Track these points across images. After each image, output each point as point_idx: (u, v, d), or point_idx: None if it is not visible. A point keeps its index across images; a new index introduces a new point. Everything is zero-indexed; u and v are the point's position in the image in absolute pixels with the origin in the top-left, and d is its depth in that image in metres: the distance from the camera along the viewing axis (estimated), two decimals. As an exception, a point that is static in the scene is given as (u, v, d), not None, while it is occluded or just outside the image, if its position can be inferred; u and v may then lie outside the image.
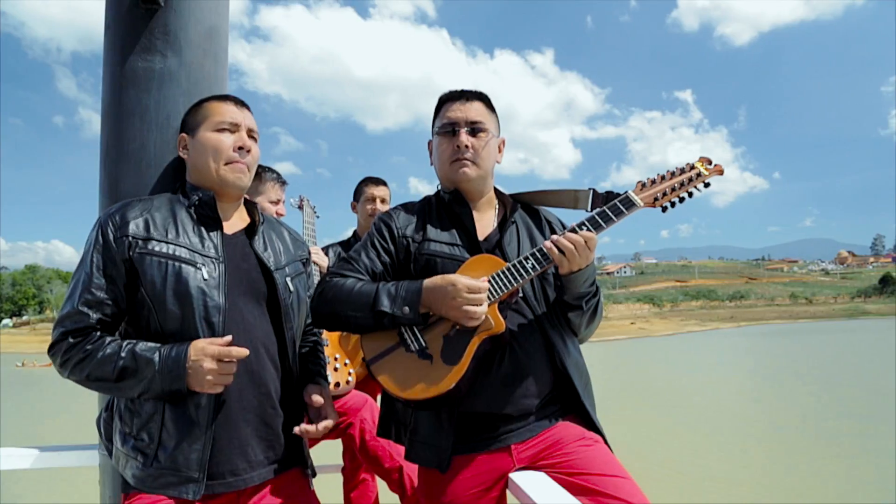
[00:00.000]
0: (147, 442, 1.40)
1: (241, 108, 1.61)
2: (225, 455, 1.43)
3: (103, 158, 2.07)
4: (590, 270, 1.61)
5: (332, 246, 3.12)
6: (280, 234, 1.71)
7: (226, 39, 2.29)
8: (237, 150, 1.55)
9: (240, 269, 1.53)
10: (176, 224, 1.49)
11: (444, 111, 1.75)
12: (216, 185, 1.55)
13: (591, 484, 1.51)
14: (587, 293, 1.65)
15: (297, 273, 1.66)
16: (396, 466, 2.36)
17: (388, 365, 1.57)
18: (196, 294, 1.42)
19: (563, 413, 1.68)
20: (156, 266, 1.42)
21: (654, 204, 1.62)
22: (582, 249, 1.53)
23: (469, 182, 1.73)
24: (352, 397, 2.47)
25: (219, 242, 1.52)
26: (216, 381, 1.36)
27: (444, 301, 1.51)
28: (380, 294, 1.56)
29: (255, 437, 1.48)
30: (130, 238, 1.44)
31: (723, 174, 1.66)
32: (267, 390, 1.51)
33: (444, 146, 1.73)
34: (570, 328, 1.74)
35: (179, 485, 1.37)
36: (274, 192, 2.52)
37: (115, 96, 2.06)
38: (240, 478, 1.44)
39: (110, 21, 2.11)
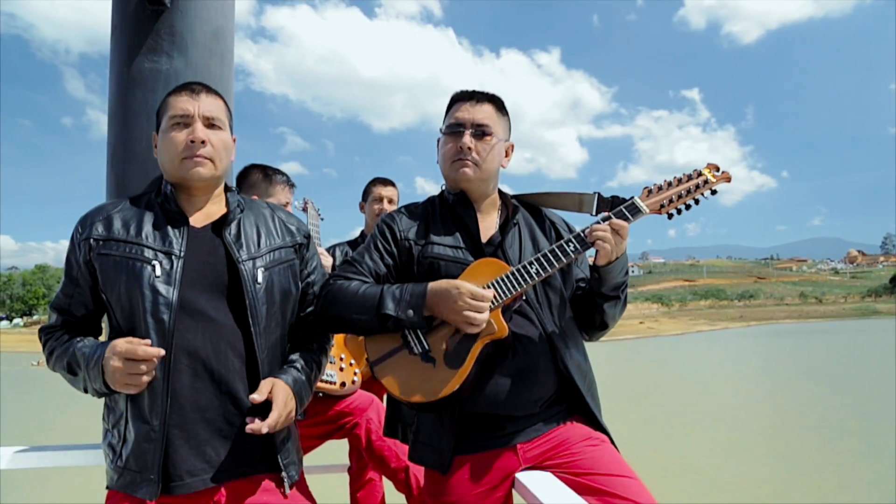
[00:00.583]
0: (117, 440, 1.41)
1: (196, 95, 1.52)
2: (181, 455, 1.39)
3: (110, 159, 2.08)
4: (624, 259, 1.62)
5: (340, 245, 3.13)
6: (265, 220, 1.61)
7: (231, 40, 2.30)
8: (189, 144, 1.48)
9: (205, 263, 1.48)
10: (140, 221, 1.48)
11: (454, 111, 1.75)
12: (181, 180, 1.52)
13: (598, 484, 1.51)
14: (623, 282, 1.66)
15: (278, 261, 1.56)
16: (402, 466, 2.36)
17: (392, 367, 1.57)
18: (146, 291, 1.39)
19: (569, 414, 1.68)
20: (111, 266, 1.43)
21: (660, 211, 1.62)
22: (616, 237, 1.55)
23: (468, 182, 1.72)
24: (358, 397, 2.47)
25: (182, 237, 1.48)
26: (126, 381, 1.33)
27: (446, 304, 1.51)
28: (384, 297, 1.56)
29: (217, 437, 1.43)
30: (91, 240, 1.45)
31: (730, 181, 1.65)
32: (229, 389, 1.44)
33: (448, 146, 1.73)
34: (575, 329, 1.74)
35: (138, 485, 1.37)
36: (284, 195, 2.52)
37: (122, 97, 2.07)
38: (198, 478, 1.40)
39: (117, 22, 2.12)
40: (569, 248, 1.58)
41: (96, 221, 1.47)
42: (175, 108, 1.50)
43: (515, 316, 1.63)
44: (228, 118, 1.59)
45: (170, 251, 1.44)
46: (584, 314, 1.74)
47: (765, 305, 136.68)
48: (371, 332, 1.60)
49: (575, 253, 1.58)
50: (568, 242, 1.58)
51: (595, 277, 1.64)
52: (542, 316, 1.66)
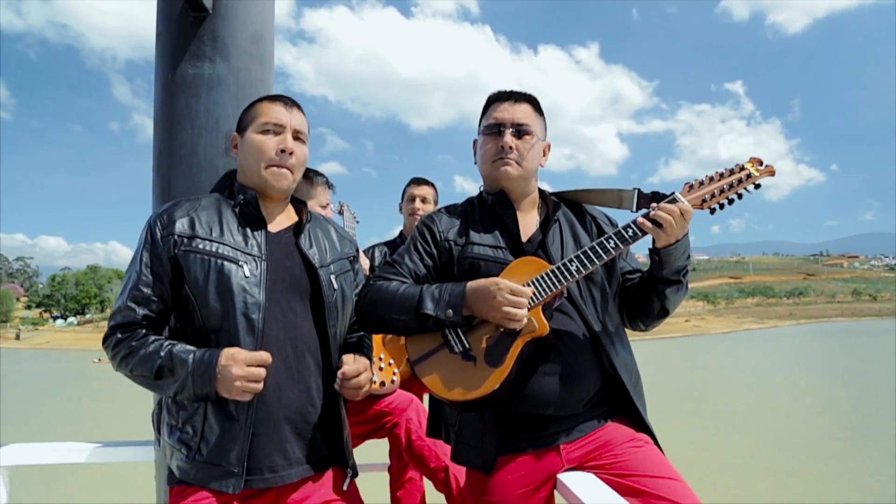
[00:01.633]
0: (191, 435, 1.44)
1: (290, 108, 1.60)
2: (263, 451, 1.44)
3: (156, 162, 2.13)
4: (687, 241, 1.59)
5: (378, 246, 3.15)
6: (327, 232, 1.71)
7: (272, 43, 2.33)
8: (279, 152, 1.55)
9: (283, 266, 1.54)
10: (220, 223, 1.52)
11: (492, 111, 1.75)
12: (259, 185, 1.57)
13: (642, 486, 1.49)
14: (685, 266, 1.63)
15: (342, 271, 1.66)
16: (442, 466, 2.36)
17: (432, 366, 1.58)
18: (237, 291, 1.44)
19: (613, 413, 1.66)
20: (199, 263, 1.45)
21: (701, 206, 1.58)
22: (678, 219, 1.52)
23: (510, 181, 1.72)
24: (397, 397, 2.48)
25: (262, 241, 1.54)
26: (244, 388, 1.36)
27: (485, 302, 1.50)
28: (424, 297, 1.56)
29: (294, 435, 1.49)
30: (176, 236, 1.47)
31: (774, 175, 1.60)
32: (307, 388, 1.51)
33: (488, 145, 1.73)
34: (620, 326, 1.71)
35: (220, 478, 1.40)
36: (324, 196, 2.56)
37: (167, 102, 2.12)
38: (277, 474, 1.45)
39: (161, 29, 2.17)
40: (609, 244, 1.55)
41: (178, 218, 1.50)
42: (269, 115, 1.57)
43: (557, 314, 1.61)
44: (308, 134, 1.66)
45: (253, 253, 1.50)
46: (641, 302, 1.70)
47: (815, 303, 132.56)
48: (411, 332, 1.61)
49: (616, 249, 1.55)
50: (608, 239, 1.56)
51: (655, 261, 1.62)
52: (585, 314, 1.64)
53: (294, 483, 1.48)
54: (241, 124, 1.63)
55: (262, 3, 2.27)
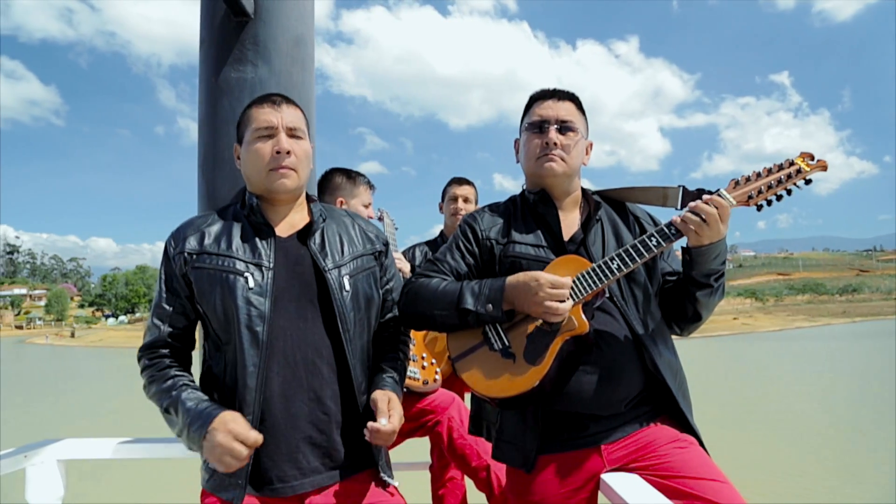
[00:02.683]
0: None
1: (278, 107, 1.55)
2: (272, 461, 1.43)
3: (201, 165, 2.18)
4: (722, 245, 1.55)
5: (419, 245, 3.16)
6: (346, 228, 1.65)
7: (312, 46, 2.36)
8: (275, 155, 1.51)
9: (293, 272, 1.52)
10: (229, 235, 1.52)
11: (535, 108, 1.74)
12: (266, 192, 1.55)
13: (688, 487, 1.46)
14: (718, 271, 1.58)
15: (361, 269, 1.60)
16: (484, 465, 2.36)
17: (472, 363, 1.58)
18: (241, 304, 1.43)
19: (656, 414, 1.63)
20: (206, 279, 1.47)
21: (748, 202, 1.54)
22: (714, 221, 1.48)
23: (555, 177, 1.70)
24: (439, 395, 2.48)
25: (270, 248, 1.52)
26: (219, 459, 1.31)
27: (526, 296, 1.50)
28: (464, 292, 1.57)
29: (307, 445, 1.46)
30: (186, 254, 1.49)
31: (826, 170, 1.55)
32: (318, 396, 1.48)
33: (532, 142, 1.72)
34: (663, 326, 1.69)
35: (227, 489, 1.41)
36: (366, 196, 2.58)
37: (211, 106, 2.17)
38: (287, 485, 1.43)
39: (205, 35, 2.22)
40: (651, 242, 1.53)
41: (189, 235, 1.52)
42: (259, 120, 1.53)
43: (599, 313, 1.60)
44: (307, 127, 1.63)
45: (260, 263, 1.48)
46: (675, 305, 1.68)
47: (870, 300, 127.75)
48: (452, 327, 1.61)
49: (658, 247, 1.52)
50: (650, 237, 1.53)
51: (686, 260, 1.58)
52: (626, 313, 1.62)
53: (315, 492, 1.46)
54: (238, 134, 1.60)
55: (302, 6, 2.30)
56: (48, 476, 1.94)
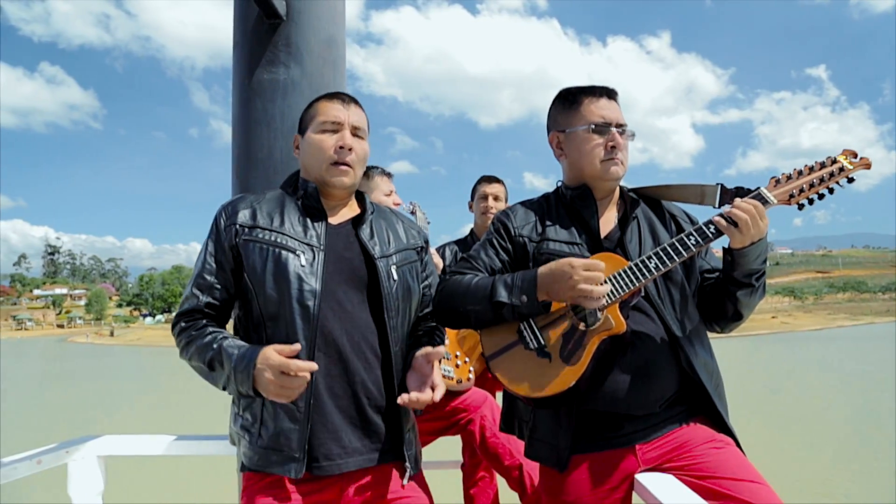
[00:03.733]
0: (251, 421, 1.47)
1: (347, 105, 1.61)
2: (319, 439, 1.45)
3: (234, 166, 2.21)
4: (763, 245, 1.52)
5: (449, 245, 3.16)
6: (391, 223, 1.69)
7: (343, 47, 2.38)
8: (338, 149, 1.56)
9: (342, 257, 1.55)
10: (282, 213, 1.55)
11: (592, 107, 1.71)
12: (321, 183, 1.59)
13: (724, 488, 1.43)
14: (759, 270, 1.56)
15: (406, 261, 1.64)
16: (516, 464, 2.35)
17: (507, 362, 1.57)
18: (293, 279, 1.46)
19: (692, 414, 1.61)
20: (258, 252, 1.49)
21: (789, 201, 1.50)
22: (755, 220, 1.46)
23: (616, 181, 1.71)
24: (472, 394, 2.48)
25: (322, 231, 1.55)
26: (279, 393, 1.34)
27: (561, 282, 1.47)
28: (497, 285, 1.56)
29: (349, 425, 1.48)
30: (238, 226, 1.52)
31: (870, 167, 1.50)
32: (361, 379, 1.50)
33: (596, 143, 1.68)
34: (700, 325, 1.66)
35: (282, 463, 1.43)
36: (385, 185, 2.58)
37: (244, 108, 2.20)
38: (334, 462, 1.46)
39: (238, 38, 2.25)
40: (690, 241, 1.50)
41: (242, 209, 1.55)
42: (327, 114, 1.59)
43: (634, 312, 1.58)
44: (368, 129, 1.67)
45: (311, 243, 1.52)
46: (715, 303, 1.65)
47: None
48: (487, 322, 1.60)
49: (696, 246, 1.50)
50: (689, 236, 1.51)
51: (728, 261, 1.56)
52: (663, 312, 1.59)
53: (354, 474, 1.48)
54: (301, 125, 1.66)
55: (334, 7, 2.32)
56: (89, 472, 1.98)
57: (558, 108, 1.78)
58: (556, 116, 1.78)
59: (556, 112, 1.79)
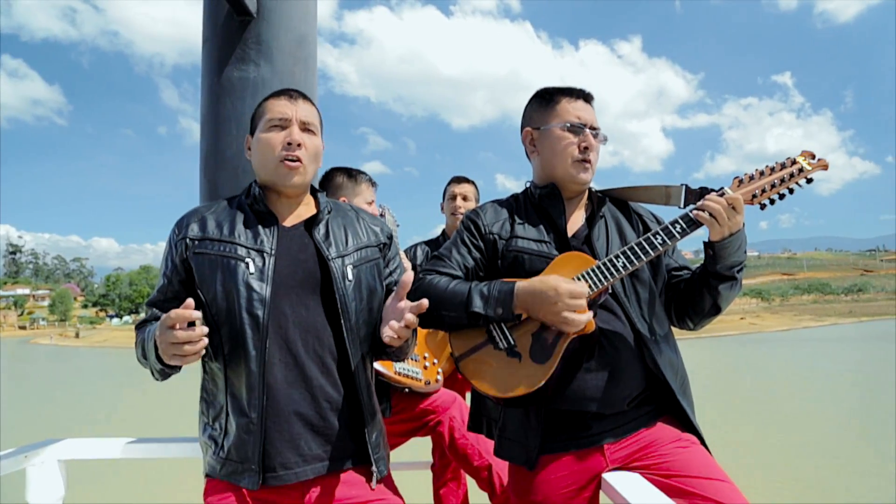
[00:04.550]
0: (218, 432, 1.46)
1: (294, 100, 1.58)
2: (276, 448, 1.44)
3: (203, 165, 2.18)
4: (742, 236, 1.55)
5: (420, 245, 3.16)
6: (351, 221, 1.66)
7: (314, 46, 2.36)
8: (286, 146, 1.53)
9: (296, 260, 1.53)
10: (232, 221, 1.53)
11: (567, 107, 1.72)
12: (273, 182, 1.57)
13: (689, 486, 1.46)
14: (740, 262, 1.59)
15: (364, 260, 1.60)
16: (486, 464, 2.36)
17: (477, 362, 1.57)
18: (242, 288, 1.44)
19: (658, 414, 1.63)
20: (207, 264, 1.48)
21: (751, 201, 1.54)
22: (728, 211, 1.49)
23: (584, 186, 1.73)
24: (441, 395, 2.48)
25: (273, 236, 1.52)
26: (172, 352, 1.29)
27: (543, 305, 1.48)
28: (472, 295, 1.56)
29: (308, 432, 1.46)
30: (188, 240, 1.51)
31: (827, 169, 1.56)
32: (319, 383, 1.48)
33: (570, 142, 1.70)
34: (666, 324, 1.68)
35: (240, 474, 1.42)
36: (369, 193, 2.57)
37: (213, 106, 2.17)
38: (291, 471, 1.44)
39: (208, 34, 2.22)
40: (656, 240, 1.53)
41: (191, 222, 1.54)
42: (274, 111, 1.56)
43: (601, 311, 1.59)
44: (321, 125, 1.64)
45: (261, 249, 1.49)
46: (692, 299, 1.67)
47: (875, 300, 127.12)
48: (460, 327, 1.60)
49: (663, 245, 1.52)
50: (655, 235, 1.53)
51: (709, 255, 1.58)
52: (629, 311, 1.61)
53: (314, 481, 1.47)
54: (251, 125, 1.63)
55: (305, 5, 2.30)
56: (49, 477, 1.94)
57: (535, 105, 1.79)
58: (531, 114, 1.79)
59: (531, 110, 1.80)
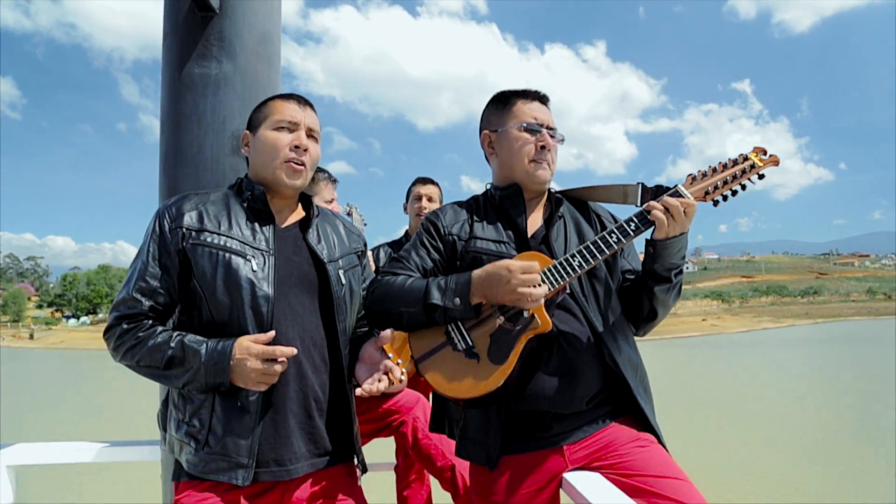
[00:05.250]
0: (198, 427, 1.44)
1: (304, 107, 1.61)
2: (270, 444, 1.45)
3: (163, 162, 2.14)
4: (684, 240, 1.58)
5: (383, 246, 3.15)
6: (335, 227, 1.71)
7: (279, 44, 2.33)
8: (293, 149, 1.56)
9: (291, 261, 1.55)
10: (229, 217, 1.53)
11: (524, 108, 1.74)
12: (272, 182, 1.58)
13: (648, 485, 1.48)
14: (678, 266, 1.62)
15: (350, 266, 1.67)
16: (449, 465, 2.36)
17: (436, 364, 1.58)
18: (245, 284, 1.44)
19: (618, 413, 1.65)
20: (207, 257, 1.46)
21: (704, 198, 1.57)
22: (678, 214, 1.51)
23: (543, 185, 1.74)
24: (404, 396, 2.48)
25: (270, 235, 1.54)
26: (260, 380, 1.38)
27: (498, 285, 1.49)
28: (430, 288, 1.57)
29: (299, 429, 1.49)
30: (184, 229, 1.48)
31: (778, 164, 1.59)
32: (311, 383, 1.51)
33: (527, 143, 1.72)
34: (625, 324, 1.70)
35: (229, 470, 1.40)
36: (328, 192, 2.55)
37: (174, 102, 2.13)
38: (284, 468, 1.46)
39: (168, 29, 2.18)
40: (611, 238, 1.55)
41: (187, 211, 1.51)
42: (284, 112, 1.58)
43: (559, 311, 1.61)
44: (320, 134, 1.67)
45: (261, 248, 1.51)
46: (632, 303, 1.70)
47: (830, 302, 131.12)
48: (419, 325, 1.60)
49: (618, 243, 1.54)
50: (611, 233, 1.55)
51: (650, 252, 1.60)
52: (587, 310, 1.63)
53: (299, 478, 1.48)
54: (252, 122, 1.63)
55: (269, 3, 2.27)
56: (-1, 483, 1.87)
57: (492, 109, 1.81)
58: (489, 117, 1.81)
59: (489, 113, 1.82)
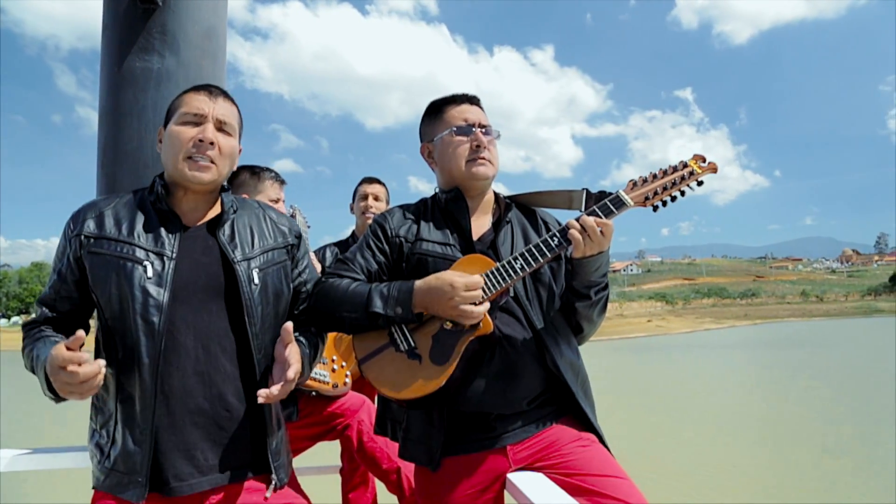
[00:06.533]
0: (105, 440, 1.39)
1: (214, 97, 1.51)
2: (168, 459, 1.37)
3: (101, 158, 2.07)
4: (603, 258, 1.60)
5: (329, 246, 3.12)
6: (259, 221, 1.60)
7: (224, 39, 2.29)
8: (196, 143, 1.46)
9: (198, 264, 1.46)
10: (132, 220, 1.46)
11: (453, 112, 1.77)
12: (179, 179, 1.49)
13: (589, 484, 1.51)
14: (597, 283, 1.64)
15: (271, 262, 1.55)
16: (394, 468, 2.36)
17: (378, 364, 1.58)
18: (137, 293, 1.37)
19: (560, 414, 1.68)
20: (102, 265, 1.40)
21: (644, 203, 1.61)
22: (594, 234, 1.53)
23: (486, 180, 1.75)
24: (349, 399, 2.46)
25: (175, 238, 1.46)
26: (69, 391, 1.25)
27: (440, 300, 1.51)
28: (372, 295, 1.56)
29: (206, 441, 1.41)
30: (83, 237, 1.43)
31: (716, 172, 1.64)
32: (220, 391, 1.42)
33: (462, 145, 1.74)
34: (566, 327, 1.73)
35: (125, 486, 1.35)
36: (273, 191, 2.50)
37: (113, 96, 2.06)
38: (185, 483, 1.37)
39: (108, 21, 2.11)
40: (553, 242, 1.58)
41: (88, 218, 1.45)
42: (190, 105, 1.49)
43: (502, 313, 1.63)
44: (239, 126, 1.58)
45: (162, 252, 1.42)
46: (564, 317, 1.74)
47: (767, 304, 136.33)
48: (361, 328, 1.60)
49: (559, 247, 1.57)
50: (552, 237, 1.58)
51: (568, 270, 1.65)
52: (529, 313, 1.65)
53: (212, 491, 1.41)
54: (166, 118, 1.55)
55: (214, -4, 2.23)
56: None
57: (426, 121, 1.84)
58: (424, 130, 1.84)
59: (424, 125, 1.85)
